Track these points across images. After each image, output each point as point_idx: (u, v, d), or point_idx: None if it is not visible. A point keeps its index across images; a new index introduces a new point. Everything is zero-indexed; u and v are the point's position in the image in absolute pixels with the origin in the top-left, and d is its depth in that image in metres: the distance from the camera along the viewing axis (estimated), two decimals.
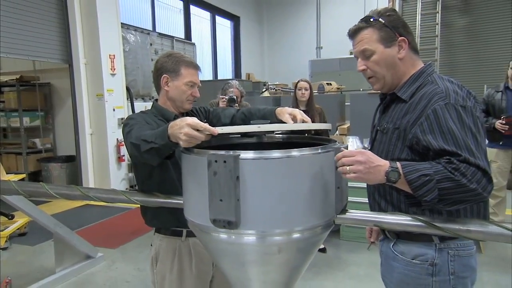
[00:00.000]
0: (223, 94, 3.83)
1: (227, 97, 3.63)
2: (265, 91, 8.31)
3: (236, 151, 1.20)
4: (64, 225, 3.47)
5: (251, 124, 1.50)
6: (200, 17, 11.03)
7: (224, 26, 12.23)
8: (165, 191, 1.67)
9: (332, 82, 7.31)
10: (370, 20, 1.41)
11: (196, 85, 1.82)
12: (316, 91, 6.33)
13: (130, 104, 6.92)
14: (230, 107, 3.49)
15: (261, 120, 1.75)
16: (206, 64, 11.17)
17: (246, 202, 1.19)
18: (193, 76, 1.80)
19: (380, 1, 7.61)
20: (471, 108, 1.29)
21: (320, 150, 1.27)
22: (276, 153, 1.21)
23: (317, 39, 12.44)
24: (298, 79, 4.09)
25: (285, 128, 1.64)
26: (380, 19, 1.40)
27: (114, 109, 6.51)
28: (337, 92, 7.15)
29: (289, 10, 12.82)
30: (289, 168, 1.21)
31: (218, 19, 11.79)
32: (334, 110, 5.87)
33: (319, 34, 12.43)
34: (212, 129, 1.26)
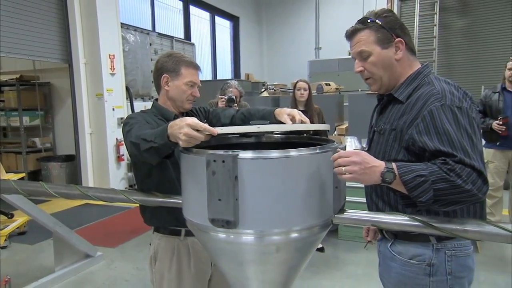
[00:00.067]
0: (222, 94, 3.83)
1: (226, 97, 3.64)
2: (264, 91, 8.32)
3: (235, 151, 1.20)
4: (63, 224, 3.47)
5: (250, 124, 1.50)
6: (199, 17, 11.02)
7: (223, 26, 12.23)
8: (164, 191, 1.67)
9: (331, 83, 7.33)
10: (367, 22, 1.41)
11: (196, 85, 1.82)
12: (314, 92, 6.36)
13: (130, 104, 6.91)
14: (229, 107, 3.50)
15: (260, 120, 1.76)
16: (205, 64, 11.16)
17: (244, 202, 1.19)
18: (193, 76, 1.81)
19: (379, 2, 7.61)
20: (467, 109, 1.29)
21: (318, 150, 1.27)
22: (274, 153, 1.21)
23: (316, 40, 12.44)
24: (297, 80, 4.11)
25: (285, 128, 1.64)
26: (377, 20, 1.40)
27: (113, 109, 6.51)
28: (336, 93, 7.17)
29: (288, 11, 12.82)
30: (287, 168, 1.21)
31: (217, 20, 11.79)
32: (332, 110, 5.89)
33: (318, 35, 12.42)
34: (212, 130, 1.26)
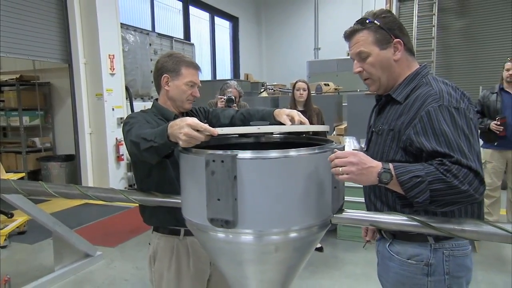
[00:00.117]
0: (222, 94, 3.84)
1: (226, 97, 3.65)
2: (263, 91, 8.34)
3: (234, 151, 1.20)
4: (63, 223, 3.47)
5: (250, 125, 1.51)
6: (199, 18, 11.02)
7: (223, 26, 12.23)
8: (163, 190, 1.67)
9: (330, 83, 7.34)
10: (366, 22, 1.41)
11: (196, 85, 1.83)
12: (313, 92, 6.38)
13: (129, 104, 6.91)
14: (228, 107, 3.51)
15: (260, 121, 1.76)
16: (204, 65, 11.16)
17: (243, 202, 1.20)
18: (193, 76, 1.81)
19: (378, 2, 7.63)
20: (464, 110, 1.29)
21: (317, 150, 1.28)
22: (273, 153, 1.21)
23: (315, 40, 12.46)
24: (296, 80, 4.11)
25: (285, 129, 1.65)
26: (376, 21, 1.40)
27: (113, 109, 6.51)
28: (335, 93, 7.19)
29: (287, 11, 12.82)
30: (286, 168, 1.22)
31: (217, 20, 11.79)
32: (331, 110, 5.90)
33: (317, 35, 12.43)
34: (212, 130, 1.26)
